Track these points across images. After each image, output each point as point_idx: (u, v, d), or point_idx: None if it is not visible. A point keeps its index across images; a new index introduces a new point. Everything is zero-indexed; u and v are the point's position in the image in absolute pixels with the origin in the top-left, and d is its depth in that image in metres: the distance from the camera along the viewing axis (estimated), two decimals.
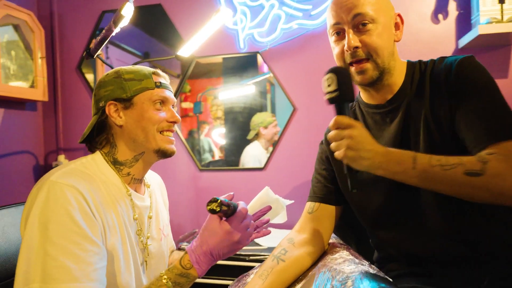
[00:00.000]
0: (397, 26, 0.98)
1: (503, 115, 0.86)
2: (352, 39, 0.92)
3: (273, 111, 2.12)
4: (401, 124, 0.96)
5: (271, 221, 1.07)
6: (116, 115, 0.93)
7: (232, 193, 0.93)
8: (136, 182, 0.99)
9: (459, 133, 0.89)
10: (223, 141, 2.22)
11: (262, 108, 2.13)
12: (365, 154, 0.82)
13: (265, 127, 2.09)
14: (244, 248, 0.95)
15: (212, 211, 0.81)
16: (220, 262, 1.58)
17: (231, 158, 2.18)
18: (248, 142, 2.14)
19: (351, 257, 0.90)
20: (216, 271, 1.59)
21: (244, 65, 2.14)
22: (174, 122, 0.98)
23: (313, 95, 2.01)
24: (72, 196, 0.79)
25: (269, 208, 1.03)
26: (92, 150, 0.98)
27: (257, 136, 2.11)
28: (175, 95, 2.18)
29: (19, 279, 0.75)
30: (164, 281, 0.84)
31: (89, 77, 2.34)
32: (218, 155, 2.26)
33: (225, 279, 1.72)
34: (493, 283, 0.87)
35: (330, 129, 0.86)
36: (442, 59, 0.97)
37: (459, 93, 0.89)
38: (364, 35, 0.92)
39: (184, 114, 2.25)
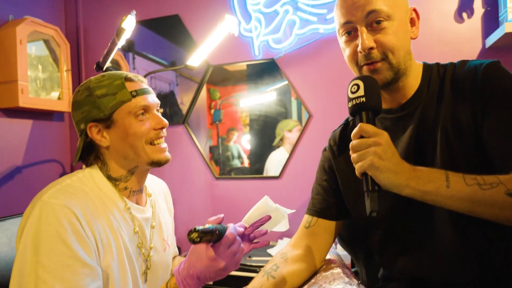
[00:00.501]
0: (412, 22, 0.88)
1: None
2: (366, 39, 0.82)
3: (299, 117, 2.07)
4: (415, 132, 0.87)
5: (273, 229, 1.04)
6: (100, 137, 0.89)
7: (222, 215, 0.89)
8: (136, 193, 0.97)
9: (486, 144, 0.80)
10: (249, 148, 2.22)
11: (287, 115, 2.09)
12: (394, 166, 0.73)
13: (289, 131, 2.06)
14: (254, 258, 0.91)
15: (192, 242, 0.77)
16: (232, 273, 1.56)
17: (255, 166, 2.16)
18: (273, 148, 2.12)
19: (341, 275, 0.85)
20: (225, 281, 1.57)
21: (267, 70, 2.10)
22: (162, 128, 0.93)
23: (329, 101, 1.95)
24: (64, 218, 0.78)
25: (268, 217, 1.00)
26: (89, 166, 0.96)
27: (281, 141, 2.08)
28: (192, 102, 2.21)
29: None
30: None
31: None
32: (247, 161, 2.24)
33: None
34: None
35: (353, 138, 0.78)
36: (463, 62, 0.88)
37: (487, 101, 0.80)
38: (379, 33, 0.83)
39: (221, 120, 2.26)
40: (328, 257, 1.03)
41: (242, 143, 2.23)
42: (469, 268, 0.83)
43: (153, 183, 1.13)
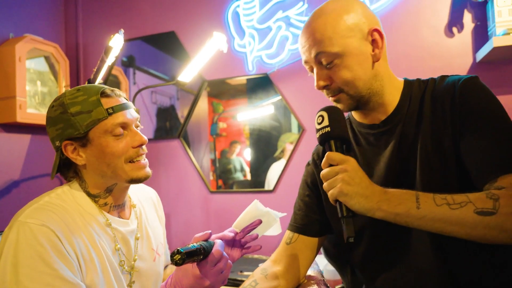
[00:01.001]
0: (375, 44, 0.87)
1: None
2: (319, 79, 0.87)
3: (299, 130, 2.07)
4: (397, 147, 0.88)
5: (265, 234, 1.03)
6: (75, 155, 0.88)
7: (209, 231, 0.88)
8: (117, 208, 0.96)
9: (464, 160, 0.81)
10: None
11: (287, 128, 2.10)
12: (363, 190, 0.74)
13: (291, 143, 2.07)
14: (246, 273, 0.91)
15: (176, 264, 0.76)
16: None
17: (257, 179, 2.17)
18: (274, 160, 2.12)
19: None
20: None
21: (263, 85, 2.11)
22: (140, 145, 0.91)
23: None
24: (43, 237, 0.77)
25: (259, 222, 0.99)
26: (69, 181, 0.95)
27: (283, 153, 2.09)
28: (187, 116, 2.23)
29: None
30: None
31: None
32: (249, 174, 2.24)
33: None
34: None
35: (322, 167, 0.80)
36: (443, 78, 0.90)
37: (464, 117, 0.81)
38: (331, 71, 0.86)
39: (219, 134, 2.27)
40: (309, 273, 1.02)
41: (245, 156, 2.24)
42: (447, 284, 0.82)
43: (140, 192, 1.11)
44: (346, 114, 1.06)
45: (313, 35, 0.86)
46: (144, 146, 0.93)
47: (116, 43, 1.22)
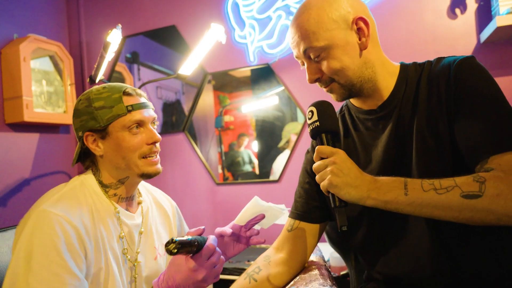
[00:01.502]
0: (362, 32, 0.87)
1: (507, 124, 0.76)
2: (310, 73, 0.89)
3: (294, 120, 2.08)
4: (394, 131, 0.89)
5: (276, 223, 1.06)
6: (95, 146, 0.94)
7: (202, 227, 0.90)
8: (125, 200, 1.01)
9: (458, 141, 0.81)
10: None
11: (292, 118, 2.10)
12: (352, 180, 0.76)
13: (296, 134, 2.07)
14: (252, 263, 0.94)
15: (170, 253, 0.77)
16: (223, 277, 1.57)
17: (263, 171, 2.17)
18: (279, 151, 2.13)
19: (318, 276, 0.85)
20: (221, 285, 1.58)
21: (271, 75, 2.10)
22: (154, 143, 0.97)
23: None
24: (59, 227, 0.82)
25: (262, 216, 1.02)
26: (86, 169, 1.01)
27: (287, 143, 2.09)
28: (191, 110, 2.24)
29: None
30: None
31: None
32: (258, 167, 2.25)
33: None
34: None
35: (314, 161, 0.82)
36: (439, 59, 0.89)
37: (458, 98, 0.81)
38: (320, 64, 0.87)
39: (226, 127, 2.29)
40: (312, 258, 1.03)
41: (253, 148, 2.25)
42: (443, 267, 0.82)
43: (158, 196, 1.16)
44: (344, 103, 1.07)
45: (299, 31, 0.87)
46: (157, 144, 0.99)
47: (114, 38, 1.23)
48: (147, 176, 0.97)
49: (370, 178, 0.77)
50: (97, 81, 1.44)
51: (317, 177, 0.80)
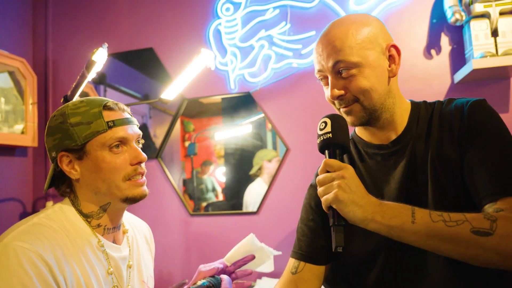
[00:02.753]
0: (392, 59, 0.87)
1: None
2: (334, 88, 0.85)
3: (274, 149, 2.04)
4: (407, 167, 0.87)
5: (257, 270, 1.01)
6: (70, 168, 0.84)
7: (216, 266, 0.84)
8: (112, 231, 0.89)
9: (468, 181, 0.80)
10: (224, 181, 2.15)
11: (262, 147, 2.06)
12: (359, 199, 0.73)
13: (269, 161, 2.01)
14: None
15: None
16: None
17: (232, 201, 2.08)
18: (250, 180, 2.06)
19: None
20: None
21: (243, 104, 2.08)
22: (139, 163, 0.86)
23: (306, 135, 1.94)
24: (28, 262, 0.70)
25: (252, 257, 0.97)
26: (62, 195, 0.90)
27: (260, 171, 2.03)
28: (166, 135, 2.14)
29: None
30: None
31: None
32: (221, 195, 2.17)
33: None
34: None
35: (319, 173, 0.79)
36: (450, 100, 0.91)
37: (471, 138, 0.82)
38: (347, 80, 0.84)
39: (196, 153, 2.19)
40: None
41: (217, 176, 2.17)
42: None
43: (133, 220, 1.05)
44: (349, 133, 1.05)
45: (332, 43, 0.84)
46: (143, 164, 0.88)
47: (100, 57, 1.14)
48: (131, 201, 0.86)
49: (376, 200, 0.75)
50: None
51: (320, 189, 0.76)
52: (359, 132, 0.99)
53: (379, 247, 0.88)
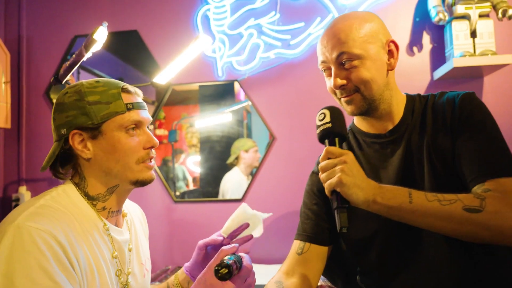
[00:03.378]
0: (391, 54, 0.94)
1: (502, 152, 0.85)
2: (337, 78, 0.91)
3: (250, 139, 2.07)
4: (404, 155, 0.94)
5: (247, 234, 1.04)
6: (82, 147, 0.82)
7: (236, 245, 0.84)
8: (114, 214, 0.89)
9: (458, 166, 0.88)
10: (198, 170, 2.14)
11: (238, 137, 2.08)
12: (360, 182, 0.78)
13: (246, 151, 2.04)
14: None
15: (220, 278, 0.74)
16: None
17: (207, 189, 2.09)
18: (227, 170, 2.07)
19: None
20: None
21: (221, 93, 2.10)
22: (151, 147, 0.87)
23: (293, 124, 1.98)
24: (44, 243, 0.68)
25: (247, 225, 1.01)
26: (58, 177, 0.87)
27: (236, 160, 2.05)
28: (152, 123, 2.10)
29: None
30: None
31: None
32: (192, 184, 2.17)
33: None
34: None
35: (321, 160, 0.83)
36: (443, 93, 0.98)
37: (462, 127, 0.89)
38: (350, 71, 0.91)
39: (159, 141, 2.16)
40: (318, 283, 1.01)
41: (187, 165, 2.16)
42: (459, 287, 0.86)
43: (130, 206, 1.05)
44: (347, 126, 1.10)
45: (337, 36, 0.90)
46: (153, 149, 0.88)
47: (100, 36, 1.10)
48: (141, 184, 0.86)
49: (376, 184, 0.81)
50: (63, 82, 1.26)
51: (323, 175, 0.81)
52: (358, 123, 1.04)
53: (378, 230, 0.94)
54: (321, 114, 0.87)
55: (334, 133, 0.84)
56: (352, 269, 1.08)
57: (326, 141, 0.85)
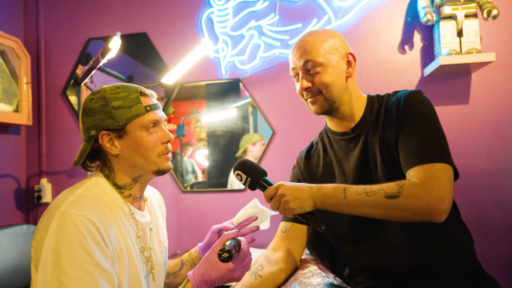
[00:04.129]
0: (349, 64, 1.12)
1: (432, 141, 0.99)
2: (303, 81, 1.08)
3: (255, 133, 2.21)
4: (362, 149, 1.10)
5: (259, 225, 1.16)
6: (110, 145, 0.95)
7: (236, 230, 0.99)
8: (138, 200, 1.04)
9: (398, 155, 1.02)
10: (206, 163, 2.29)
11: (244, 131, 2.22)
12: (302, 195, 0.95)
13: (253, 144, 2.18)
14: None
15: (223, 260, 0.88)
16: None
17: (212, 180, 2.24)
18: (232, 162, 2.21)
19: (318, 271, 0.98)
20: None
21: (227, 89, 2.23)
22: (168, 141, 1.01)
23: (292, 119, 2.12)
24: (83, 226, 0.83)
25: (255, 218, 1.13)
26: (87, 170, 1.01)
27: (244, 153, 2.20)
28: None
29: None
30: None
31: (73, 100, 2.40)
32: (201, 176, 2.32)
33: None
34: None
35: (267, 201, 1.01)
36: (395, 93, 1.13)
37: (403, 121, 1.04)
38: (314, 76, 1.07)
39: (185, 135, 2.30)
40: (302, 257, 1.16)
41: (196, 158, 2.31)
42: (415, 258, 1.01)
43: (150, 191, 1.19)
44: (322, 128, 1.25)
45: (304, 47, 1.07)
46: (169, 143, 1.03)
47: (115, 45, 1.26)
48: (161, 173, 1.01)
49: (316, 188, 0.97)
50: (82, 84, 1.42)
51: (279, 211, 0.99)
52: (329, 123, 1.22)
53: (344, 215, 1.09)
54: (237, 175, 1.03)
55: (256, 180, 1.01)
56: (334, 248, 1.23)
57: (257, 186, 1.02)
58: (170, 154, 1.03)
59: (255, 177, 1.00)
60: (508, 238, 1.90)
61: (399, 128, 1.03)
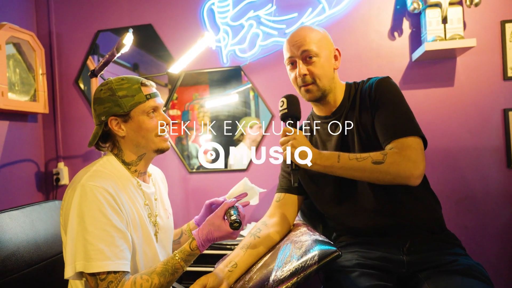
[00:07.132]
0: (335, 58, 1.29)
1: (403, 119, 1.16)
2: (301, 68, 1.23)
3: (257, 115, 2.37)
4: (342, 131, 1.27)
5: (250, 200, 1.32)
6: (118, 128, 1.13)
7: (235, 199, 1.18)
8: (142, 174, 1.23)
9: (376, 134, 1.19)
10: (210, 147, 2.45)
11: (246, 116, 2.38)
12: (306, 149, 1.10)
13: (251, 127, 2.35)
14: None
15: (235, 228, 1.07)
16: (206, 252, 1.82)
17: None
18: (234, 144, 2.39)
19: (307, 231, 1.16)
20: (203, 259, 1.83)
21: (228, 76, 2.38)
22: (164, 123, 1.17)
23: None
24: (100, 195, 1.02)
25: (245, 195, 1.29)
26: (99, 149, 1.20)
27: (242, 136, 2.36)
28: (165, 105, 2.42)
29: (68, 258, 0.99)
30: (178, 259, 1.09)
31: (84, 88, 2.56)
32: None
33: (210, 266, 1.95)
34: (413, 245, 1.17)
35: (281, 136, 1.16)
36: (368, 79, 1.30)
37: (377, 104, 1.20)
38: (310, 65, 1.23)
39: (172, 121, 2.46)
40: (295, 222, 1.35)
41: (200, 143, 2.47)
42: (387, 219, 1.20)
43: (154, 170, 1.39)
44: (309, 113, 1.41)
45: (303, 38, 1.23)
46: (168, 127, 1.20)
47: (128, 40, 1.42)
48: (160, 151, 1.19)
49: (317, 150, 1.13)
50: (98, 75, 1.59)
51: (282, 147, 1.12)
52: (314, 109, 1.40)
53: (328, 182, 1.27)
54: (281, 101, 1.19)
55: (289, 115, 1.15)
56: (323, 216, 1.42)
57: (285, 121, 1.16)
58: (167, 136, 1.20)
59: (289, 113, 1.14)
60: (488, 209, 2.07)
61: (374, 111, 1.20)
